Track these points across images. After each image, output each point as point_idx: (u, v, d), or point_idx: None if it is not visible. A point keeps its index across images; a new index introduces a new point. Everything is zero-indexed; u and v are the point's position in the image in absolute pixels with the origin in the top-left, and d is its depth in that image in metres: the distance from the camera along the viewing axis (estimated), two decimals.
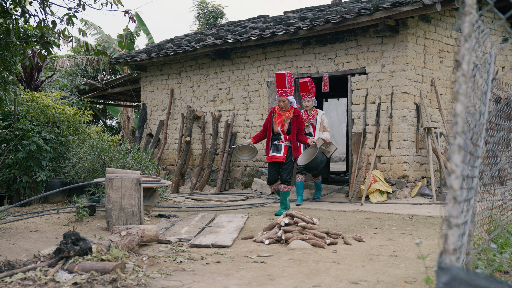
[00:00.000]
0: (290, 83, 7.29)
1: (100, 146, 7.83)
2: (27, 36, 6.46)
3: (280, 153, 7.33)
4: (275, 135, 7.40)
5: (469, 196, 2.30)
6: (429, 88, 9.46)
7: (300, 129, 7.40)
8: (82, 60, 18.06)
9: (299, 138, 7.39)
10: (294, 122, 7.32)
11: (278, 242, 5.16)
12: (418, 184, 8.87)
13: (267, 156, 7.47)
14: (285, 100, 7.30)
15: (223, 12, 21.82)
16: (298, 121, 7.35)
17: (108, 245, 4.26)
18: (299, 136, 7.39)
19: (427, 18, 9.37)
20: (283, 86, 7.27)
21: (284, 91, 7.30)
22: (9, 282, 3.52)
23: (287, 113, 7.33)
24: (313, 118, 8.76)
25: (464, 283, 1.39)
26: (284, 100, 7.30)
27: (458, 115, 1.76)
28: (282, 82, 7.26)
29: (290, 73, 7.33)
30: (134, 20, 6.70)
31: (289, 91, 7.32)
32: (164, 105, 13.05)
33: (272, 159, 7.36)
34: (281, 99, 7.32)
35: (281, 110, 7.37)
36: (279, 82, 7.26)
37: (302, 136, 7.42)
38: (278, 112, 7.38)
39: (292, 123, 7.32)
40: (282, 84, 7.27)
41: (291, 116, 7.32)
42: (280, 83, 7.27)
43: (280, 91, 7.32)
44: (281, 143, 7.37)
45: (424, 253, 4.41)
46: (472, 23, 1.84)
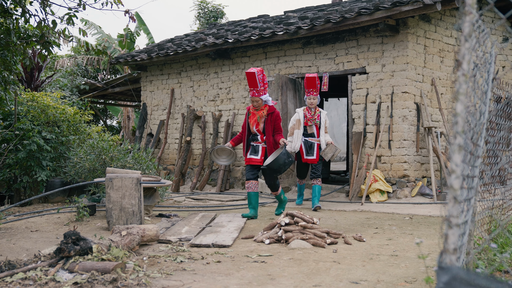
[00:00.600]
0: (262, 81, 6.81)
1: (100, 146, 7.83)
2: (28, 36, 6.46)
3: (257, 155, 6.94)
4: (253, 136, 7.02)
5: (469, 195, 2.30)
6: (430, 87, 9.46)
7: (276, 128, 6.94)
8: (83, 60, 18.06)
9: (275, 137, 6.94)
10: (269, 121, 6.89)
11: (279, 242, 5.17)
12: (419, 184, 8.87)
13: (245, 158, 7.05)
14: (258, 100, 6.83)
15: (223, 12, 21.82)
16: (272, 119, 6.90)
17: (108, 244, 4.26)
18: (276, 135, 6.94)
19: (428, 18, 9.37)
20: (255, 85, 6.76)
21: (256, 91, 6.80)
22: (9, 281, 3.52)
23: (260, 112, 6.88)
24: (318, 117, 8.08)
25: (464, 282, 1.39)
26: (257, 100, 6.83)
27: (458, 114, 1.76)
28: (253, 81, 6.75)
29: (261, 70, 6.82)
30: (135, 20, 6.70)
31: (262, 90, 6.82)
32: (164, 104, 13.05)
33: (250, 161, 6.96)
34: (254, 99, 6.86)
35: (255, 110, 6.92)
36: (250, 81, 6.77)
37: (277, 135, 6.93)
38: (252, 112, 6.94)
39: (267, 122, 6.89)
40: (253, 83, 6.76)
41: (264, 114, 6.88)
42: (251, 82, 6.77)
43: (252, 91, 6.82)
44: (258, 144, 6.98)
45: (425, 253, 4.41)
46: (473, 23, 1.84)
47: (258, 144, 6.97)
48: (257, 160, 6.91)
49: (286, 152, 6.69)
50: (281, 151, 6.69)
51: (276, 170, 6.71)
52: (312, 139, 8.04)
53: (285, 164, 6.67)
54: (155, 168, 8.42)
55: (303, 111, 8.07)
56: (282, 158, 6.64)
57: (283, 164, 6.65)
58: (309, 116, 8.02)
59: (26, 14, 6.00)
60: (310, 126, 8.02)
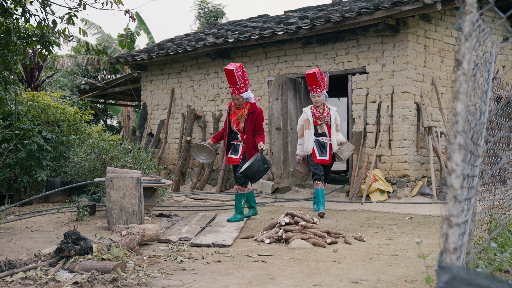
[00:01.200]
0: (242, 78, 6.44)
1: (100, 146, 7.83)
2: (28, 35, 6.46)
3: (237, 154, 6.67)
4: (234, 134, 6.73)
5: (469, 195, 2.30)
6: (430, 87, 9.46)
7: (257, 127, 6.57)
8: (83, 60, 18.07)
9: (255, 138, 6.57)
10: (249, 120, 6.54)
11: (279, 242, 5.17)
12: (419, 184, 8.87)
13: (226, 157, 6.79)
14: (239, 98, 6.48)
15: (224, 12, 21.82)
16: (253, 119, 6.54)
17: (108, 244, 4.26)
18: (256, 136, 6.56)
19: (428, 18, 9.37)
20: (234, 83, 6.39)
21: (236, 88, 6.44)
22: (10, 281, 3.52)
23: (241, 111, 6.54)
24: (327, 115, 7.46)
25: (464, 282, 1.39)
26: (237, 98, 6.48)
27: (458, 114, 1.76)
28: (232, 79, 6.37)
29: (241, 66, 6.46)
30: (135, 20, 6.70)
31: (243, 87, 6.45)
32: (164, 104, 13.05)
33: (229, 161, 6.73)
34: (234, 97, 6.51)
35: (235, 108, 6.59)
36: (229, 79, 6.40)
37: (258, 136, 6.54)
38: (233, 110, 6.62)
39: (247, 122, 6.55)
40: (232, 80, 6.38)
41: (245, 114, 6.54)
42: (230, 79, 6.40)
43: (232, 88, 6.47)
44: (239, 143, 6.70)
45: (425, 252, 4.41)
46: (473, 22, 1.84)
47: (239, 143, 6.69)
48: (235, 160, 6.66)
49: (262, 158, 6.29)
50: (256, 157, 6.30)
51: (251, 177, 6.31)
52: (324, 139, 7.47)
53: (259, 172, 6.25)
54: (155, 167, 8.42)
55: (310, 110, 7.50)
56: (256, 165, 6.23)
57: (257, 171, 6.25)
58: (318, 114, 7.45)
59: (26, 14, 6.00)
60: (320, 125, 7.46)
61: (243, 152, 6.61)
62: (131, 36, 19.00)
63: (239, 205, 6.53)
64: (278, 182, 9.60)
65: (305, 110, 7.56)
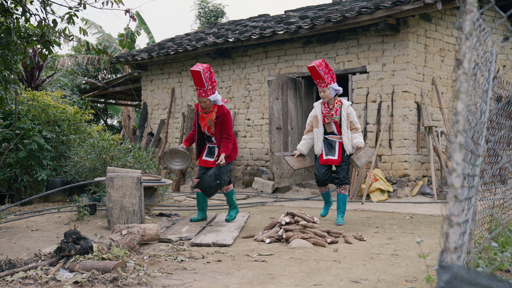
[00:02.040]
0: (210, 80, 6.04)
1: (101, 145, 7.83)
2: (28, 35, 6.46)
3: (212, 157, 6.35)
4: (207, 137, 6.39)
5: (470, 194, 2.29)
6: (430, 87, 9.46)
7: (223, 131, 6.20)
8: (83, 59, 18.07)
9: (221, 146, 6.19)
10: (218, 124, 6.19)
11: (279, 241, 5.17)
12: (419, 183, 8.87)
13: (199, 160, 6.42)
14: (206, 101, 6.05)
15: (224, 11, 21.81)
16: (219, 122, 6.18)
17: (109, 244, 4.26)
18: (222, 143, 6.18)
19: (428, 17, 9.37)
20: (201, 85, 5.96)
21: (203, 91, 6.00)
22: (10, 281, 3.52)
23: (210, 115, 6.16)
24: (336, 113, 6.41)
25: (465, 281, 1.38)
26: (204, 101, 6.05)
27: (459, 113, 1.76)
28: (199, 80, 5.94)
29: (208, 67, 6.04)
30: (135, 19, 6.70)
31: (210, 90, 6.04)
32: (165, 104, 13.05)
33: (204, 163, 6.36)
34: (201, 100, 6.08)
35: (203, 112, 6.19)
36: (196, 81, 5.97)
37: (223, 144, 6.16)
38: (201, 115, 6.22)
39: (216, 125, 6.21)
40: (199, 82, 5.95)
41: (213, 118, 6.16)
42: (197, 81, 5.96)
43: (198, 90, 6.02)
44: (214, 145, 6.38)
45: (425, 252, 4.41)
46: (473, 21, 1.84)
47: (214, 146, 6.38)
48: (211, 163, 6.31)
49: (216, 173, 5.92)
50: (209, 172, 5.96)
51: (203, 191, 5.97)
52: (333, 137, 6.49)
53: (210, 187, 5.88)
54: (156, 167, 8.42)
55: (320, 105, 6.53)
56: (207, 180, 5.88)
57: (208, 187, 5.88)
58: (325, 112, 6.45)
59: (27, 13, 6.00)
60: (328, 123, 6.48)
61: (218, 155, 6.29)
62: (131, 35, 19.00)
63: (232, 202, 6.45)
64: (279, 181, 9.60)
65: (315, 105, 6.64)
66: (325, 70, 6.35)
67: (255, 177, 10.88)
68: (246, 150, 11.21)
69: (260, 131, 10.99)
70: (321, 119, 6.46)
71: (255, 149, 11.03)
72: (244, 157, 11.21)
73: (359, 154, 6.30)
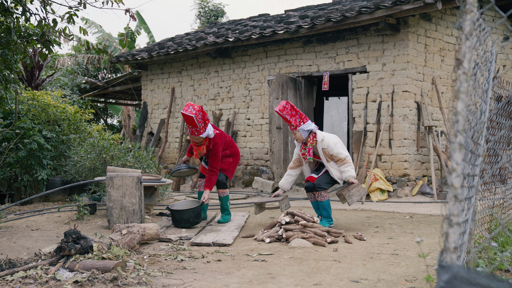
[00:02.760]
0: (203, 120, 5.98)
1: (101, 145, 7.83)
2: (28, 34, 6.46)
3: None
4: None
5: (470, 194, 2.30)
6: (430, 86, 9.46)
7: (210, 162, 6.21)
8: (83, 59, 18.06)
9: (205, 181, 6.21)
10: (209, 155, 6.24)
11: (279, 241, 5.17)
12: (419, 183, 8.87)
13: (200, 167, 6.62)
14: (198, 138, 6.07)
15: (224, 11, 21.80)
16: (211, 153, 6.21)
17: (109, 243, 4.26)
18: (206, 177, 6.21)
19: (428, 17, 9.37)
20: (194, 125, 5.93)
21: (195, 130, 5.96)
22: (10, 280, 3.52)
23: (200, 148, 6.19)
24: (309, 153, 6.05)
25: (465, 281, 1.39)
26: (197, 138, 6.08)
27: (459, 113, 1.76)
28: (191, 123, 5.91)
29: (200, 109, 5.93)
30: (135, 19, 6.70)
31: (203, 127, 6.00)
32: (165, 103, 13.05)
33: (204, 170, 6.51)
34: (193, 138, 6.10)
35: (195, 144, 6.22)
36: (188, 122, 5.93)
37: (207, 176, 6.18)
38: (194, 145, 6.27)
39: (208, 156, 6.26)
40: (192, 124, 5.92)
41: (204, 152, 6.21)
42: (189, 123, 5.92)
43: (191, 129, 5.99)
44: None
45: (425, 252, 4.41)
46: (473, 21, 1.84)
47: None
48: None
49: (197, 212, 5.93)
50: (193, 207, 5.95)
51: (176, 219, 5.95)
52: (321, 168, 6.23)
53: (187, 221, 5.88)
54: (156, 167, 8.42)
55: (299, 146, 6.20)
56: (187, 214, 5.90)
57: (185, 220, 5.89)
58: (301, 153, 6.17)
59: (27, 13, 6.00)
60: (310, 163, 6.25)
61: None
62: (131, 35, 19.00)
63: (226, 207, 6.47)
64: (279, 181, 9.60)
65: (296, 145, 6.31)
66: (290, 113, 5.98)
67: (255, 176, 10.88)
68: (246, 150, 11.21)
69: (260, 130, 11.00)
70: (303, 159, 6.19)
71: (255, 149, 11.04)
72: (244, 157, 11.21)
73: (352, 192, 5.99)
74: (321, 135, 6.03)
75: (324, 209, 6.06)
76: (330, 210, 6.08)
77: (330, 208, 6.11)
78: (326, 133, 6.13)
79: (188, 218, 5.85)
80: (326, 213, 6.06)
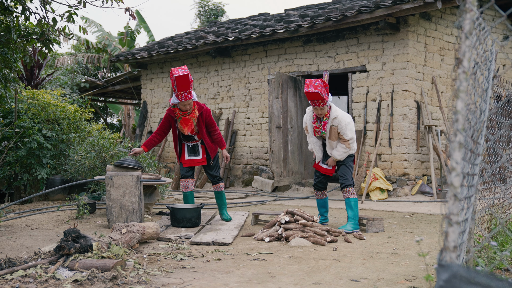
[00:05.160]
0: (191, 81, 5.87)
1: (100, 144, 7.83)
2: (28, 33, 6.45)
3: (199, 155, 6.22)
4: (185, 137, 6.21)
5: (469, 193, 2.30)
6: (430, 86, 9.45)
7: (210, 124, 6.16)
8: (83, 58, 18.05)
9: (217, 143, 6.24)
10: (201, 121, 6.08)
11: (279, 240, 5.17)
12: (419, 182, 8.87)
13: (183, 161, 6.23)
14: (190, 103, 5.94)
15: (224, 10, 21.79)
16: (203, 118, 6.09)
17: (108, 242, 4.26)
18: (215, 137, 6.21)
19: (428, 16, 9.36)
20: (187, 87, 5.80)
21: (188, 93, 5.84)
22: (9, 279, 3.52)
23: (193, 114, 6.03)
24: (324, 127, 5.77)
25: (464, 280, 1.38)
26: (190, 103, 5.93)
27: (458, 112, 1.76)
28: (186, 83, 5.77)
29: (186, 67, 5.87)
30: (135, 18, 6.69)
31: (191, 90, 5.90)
32: (164, 102, 13.05)
33: (192, 163, 6.22)
34: (187, 103, 5.90)
35: (184, 114, 6.00)
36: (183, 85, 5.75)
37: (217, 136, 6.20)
38: (184, 117, 6.02)
39: (199, 122, 6.09)
40: (186, 86, 5.78)
41: (197, 115, 6.05)
42: (184, 85, 5.76)
43: (183, 94, 5.82)
44: (196, 143, 6.23)
45: (425, 251, 4.41)
46: (473, 20, 1.83)
47: (196, 143, 6.22)
48: (199, 160, 6.22)
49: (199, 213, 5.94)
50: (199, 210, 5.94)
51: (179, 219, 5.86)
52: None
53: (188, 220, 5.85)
54: (155, 166, 8.42)
55: (311, 115, 5.92)
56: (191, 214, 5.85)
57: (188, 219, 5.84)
58: (314, 125, 5.88)
59: (27, 12, 6.00)
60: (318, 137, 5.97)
61: (204, 152, 6.23)
62: (131, 34, 18.98)
63: (225, 201, 6.45)
64: (278, 180, 9.60)
65: (307, 112, 6.02)
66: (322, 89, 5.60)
67: (255, 175, 10.88)
68: (246, 149, 11.21)
69: (260, 130, 10.99)
70: (311, 131, 5.92)
71: (255, 148, 11.03)
72: (244, 156, 11.21)
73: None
74: (335, 112, 5.72)
75: (351, 208, 5.65)
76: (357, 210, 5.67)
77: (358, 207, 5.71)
78: (340, 110, 5.81)
79: (190, 217, 5.84)
80: (353, 214, 5.64)
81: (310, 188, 9.94)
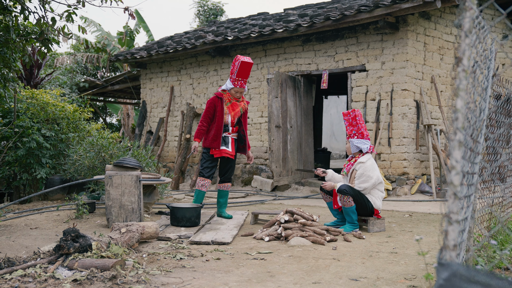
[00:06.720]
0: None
1: (100, 143, 7.82)
2: (27, 33, 6.44)
3: (229, 147, 6.19)
4: (224, 127, 6.21)
5: (469, 192, 2.29)
6: (429, 85, 9.45)
7: (245, 123, 6.35)
8: (82, 58, 18.04)
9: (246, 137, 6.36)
10: (245, 113, 6.32)
11: (278, 239, 5.17)
12: (418, 181, 8.87)
13: (215, 150, 6.15)
14: (243, 92, 6.20)
15: (223, 10, 21.77)
16: (246, 111, 6.33)
17: (108, 242, 4.26)
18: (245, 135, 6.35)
19: (427, 15, 9.36)
20: (247, 75, 6.14)
21: (244, 82, 6.15)
22: (9, 279, 3.52)
23: (242, 104, 6.23)
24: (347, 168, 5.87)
25: (464, 279, 1.38)
26: (242, 91, 6.18)
27: (458, 110, 1.76)
28: (248, 72, 6.08)
29: None
30: (134, 17, 6.68)
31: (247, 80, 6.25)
32: (164, 102, 13.04)
33: (222, 153, 6.15)
34: (241, 91, 6.15)
35: (236, 100, 6.18)
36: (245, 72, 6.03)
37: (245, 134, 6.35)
38: (234, 102, 6.15)
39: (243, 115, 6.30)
40: (247, 73, 6.10)
41: (246, 106, 6.29)
42: (245, 73, 6.05)
43: (241, 81, 6.08)
44: (228, 135, 6.22)
45: (424, 250, 4.41)
46: (473, 19, 1.83)
47: (228, 135, 6.21)
48: (229, 153, 6.18)
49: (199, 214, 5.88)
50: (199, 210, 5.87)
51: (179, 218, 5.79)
52: None
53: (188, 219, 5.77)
54: (155, 165, 8.41)
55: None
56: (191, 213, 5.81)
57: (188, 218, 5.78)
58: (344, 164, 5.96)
59: (26, 11, 5.99)
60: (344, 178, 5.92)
61: (233, 145, 6.23)
62: (130, 33, 18.97)
63: (227, 202, 6.54)
64: (278, 180, 9.60)
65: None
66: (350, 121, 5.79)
67: (254, 175, 10.88)
68: None
69: (259, 129, 10.99)
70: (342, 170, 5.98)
71: (254, 148, 11.03)
72: (244, 155, 11.21)
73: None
74: (363, 159, 5.69)
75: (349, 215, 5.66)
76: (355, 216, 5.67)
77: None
78: (371, 160, 5.72)
79: (190, 217, 5.82)
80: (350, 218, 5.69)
81: (309, 188, 9.94)
